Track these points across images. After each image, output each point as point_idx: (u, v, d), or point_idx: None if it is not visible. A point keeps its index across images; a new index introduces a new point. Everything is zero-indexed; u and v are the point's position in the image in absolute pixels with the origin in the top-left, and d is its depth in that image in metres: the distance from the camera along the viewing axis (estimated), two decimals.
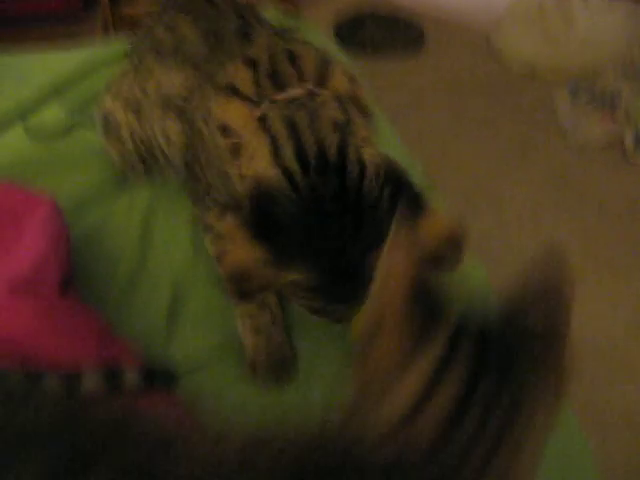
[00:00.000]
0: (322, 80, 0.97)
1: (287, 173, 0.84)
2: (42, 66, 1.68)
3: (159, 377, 0.97)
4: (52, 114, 1.50)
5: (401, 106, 2.75)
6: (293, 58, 1.00)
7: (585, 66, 2.94)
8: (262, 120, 0.91)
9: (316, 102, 0.92)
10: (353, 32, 3.30)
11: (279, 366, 1.08)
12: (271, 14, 1.86)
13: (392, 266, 0.56)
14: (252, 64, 1.00)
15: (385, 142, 1.54)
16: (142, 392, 0.92)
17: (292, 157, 0.86)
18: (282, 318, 1.11)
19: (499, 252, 2.15)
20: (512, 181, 2.52)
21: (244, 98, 0.96)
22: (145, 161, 1.29)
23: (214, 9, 1.17)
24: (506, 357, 0.53)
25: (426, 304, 0.54)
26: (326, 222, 0.83)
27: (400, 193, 0.86)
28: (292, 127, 0.88)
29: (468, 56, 3.23)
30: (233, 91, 0.98)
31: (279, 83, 0.96)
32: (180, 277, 1.20)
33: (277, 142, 0.88)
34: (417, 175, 1.42)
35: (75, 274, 1.10)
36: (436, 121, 2.77)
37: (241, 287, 0.84)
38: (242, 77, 0.99)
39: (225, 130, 0.96)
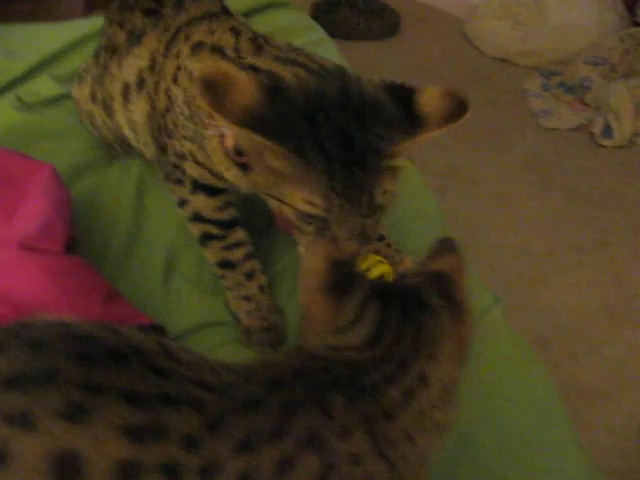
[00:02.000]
0: None
1: (296, 79, 0.88)
2: (30, 40, 1.71)
3: (148, 331, 1.01)
4: (43, 84, 1.53)
5: None
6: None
7: (556, 52, 3.00)
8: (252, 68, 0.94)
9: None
10: (329, 15, 3.33)
11: (272, 330, 1.12)
12: None
13: (309, 266, 0.73)
14: (236, 32, 1.05)
15: None
16: None
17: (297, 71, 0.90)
18: (267, 284, 1.15)
19: (469, 233, 2.21)
20: (483, 163, 2.58)
21: (230, 61, 0.99)
22: (121, 144, 1.33)
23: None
24: (408, 304, 0.72)
25: (341, 284, 0.72)
26: (327, 110, 0.86)
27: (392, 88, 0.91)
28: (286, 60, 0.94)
29: (442, 41, 3.28)
30: (220, 53, 1.02)
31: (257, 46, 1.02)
32: (173, 240, 1.23)
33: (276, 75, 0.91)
34: None
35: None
36: None
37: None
38: (226, 40, 1.03)
39: None
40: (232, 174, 1.02)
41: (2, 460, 0.49)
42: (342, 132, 0.85)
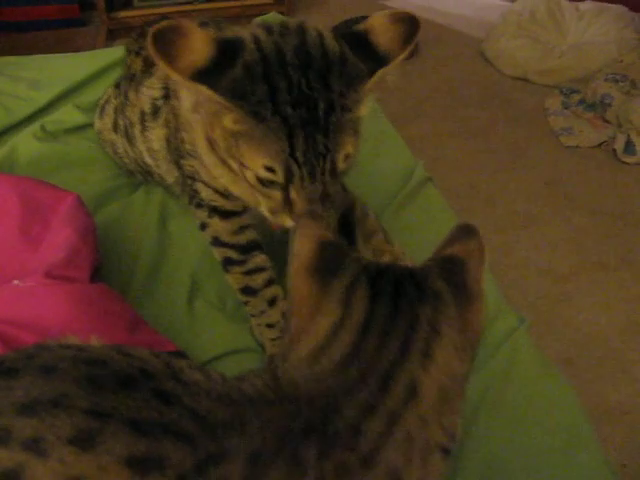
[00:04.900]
0: None
1: (254, 38, 0.85)
2: (54, 70, 1.74)
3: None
4: (67, 113, 1.55)
5: (396, 110, 2.80)
6: None
7: (576, 70, 3.00)
8: None
9: None
10: None
11: None
12: (271, 19, 1.92)
13: (297, 249, 0.67)
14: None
15: (389, 142, 1.60)
16: None
17: (261, 28, 0.88)
18: None
19: (491, 253, 2.20)
20: (505, 182, 2.57)
21: None
22: (142, 173, 1.35)
23: None
24: (400, 294, 0.64)
25: (330, 265, 0.65)
26: (288, 72, 0.83)
27: (361, 49, 0.88)
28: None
29: (461, 62, 3.29)
30: None
31: None
32: (197, 266, 1.24)
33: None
34: (419, 168, 1.48)
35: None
36: (431, 125, 2.82)
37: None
38: None
39: None
40: (220, 171, 0.99)
41: None
42: (305, 97, 0.83)
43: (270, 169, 0.85)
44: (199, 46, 0.81)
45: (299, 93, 0.83)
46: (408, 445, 0.58)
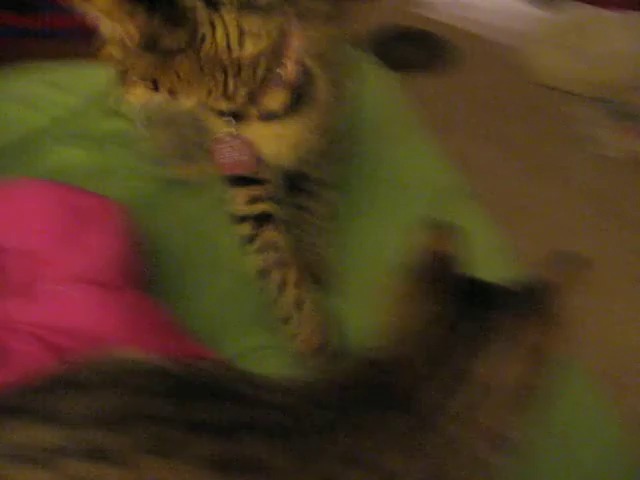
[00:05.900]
0: None
1: None
2: (84, 76, 1.75)
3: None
4: (98, 120, 1.56)
5: (434, 122, 2.79)
6: None
7: (609, 79, 2.97)
8: None
9: None
10: (386, 48, 3.34)
11: (322, 351, 1.12)
12: None
13: (415, 254, 0.75)
14: None
15: (426, 154, 1.59)
16: None
17: None
18: (307, 301, 1.14)
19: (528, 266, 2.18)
20: (540, 193, 2.54)
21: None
22: (181, 142, 1.34)
23: None
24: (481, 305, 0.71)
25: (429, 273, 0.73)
26: None
27: None
28: None
29: (495, 71, 3.27)
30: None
31: None
32: (229, 273, 1.25)
33: None
34: (460, 184, 1.47)
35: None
36: (465, 135, 2.80)
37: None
38: None
39: None
40: None
41: None
42: None
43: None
44: None
45: None
46: (460, 421, 0.65)
